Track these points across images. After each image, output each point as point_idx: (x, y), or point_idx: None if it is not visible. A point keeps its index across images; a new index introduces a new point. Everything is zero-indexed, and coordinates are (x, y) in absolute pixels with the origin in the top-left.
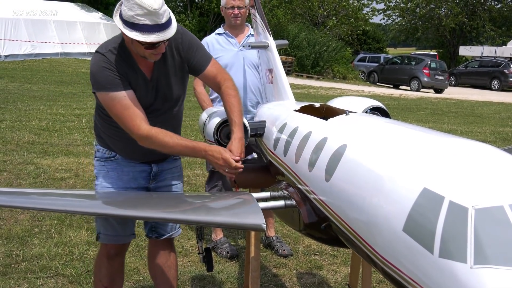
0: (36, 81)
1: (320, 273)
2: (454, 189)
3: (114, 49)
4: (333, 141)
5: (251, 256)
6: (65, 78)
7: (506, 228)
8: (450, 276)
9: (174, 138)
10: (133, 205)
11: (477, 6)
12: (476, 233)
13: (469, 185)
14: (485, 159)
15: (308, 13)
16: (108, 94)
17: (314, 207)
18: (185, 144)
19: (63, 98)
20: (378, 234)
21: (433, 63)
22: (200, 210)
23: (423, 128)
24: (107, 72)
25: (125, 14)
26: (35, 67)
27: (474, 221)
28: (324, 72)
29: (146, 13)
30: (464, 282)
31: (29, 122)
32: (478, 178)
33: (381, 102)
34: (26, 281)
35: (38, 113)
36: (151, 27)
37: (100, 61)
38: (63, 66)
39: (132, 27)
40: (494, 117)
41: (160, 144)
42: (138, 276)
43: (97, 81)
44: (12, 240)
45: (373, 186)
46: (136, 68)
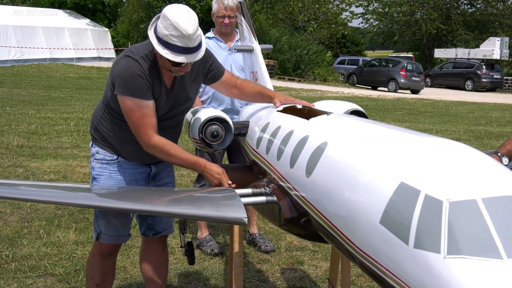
0: (25, 86)
1: (301, 268)
2: (429, 183)
3: (146, 57)
4: (314, 139)
5: (234, 252)
6: (53, 83)
7: (478, 221)
8: (424, 266)
9: (178, 151)
10: (120, 198)
11: (451, 10)
12: (450, 225)
13: (444, 180)
14: (458, 156)
15: (289, 18)
16: (133, 99)
17: (294, 203)
18: (187, 158)
19: (51, 102)
20: (357, 228)
21: (410, 65)
22: (184, 203)
23: (400, 128)
24: (139, 80)
25: (160, 31)
26: (24, 72)
27: (448, 213)
28: (305, 75)
29: (180, 35)
30: (437, 271)
31: (18, 126)
32: (452, 173)
33: (360, 103)
34: (15, 281)
35: (27, 117)
36: (182, 49)
37: (134, 67)
38: (51, 71)
39: (165, 45)
40: (468, 116)
41: (165, 154)
42: (126, 274)
43: (127, 86)
44: (2, 241)
45: (352, 182)
46: (161, 78)
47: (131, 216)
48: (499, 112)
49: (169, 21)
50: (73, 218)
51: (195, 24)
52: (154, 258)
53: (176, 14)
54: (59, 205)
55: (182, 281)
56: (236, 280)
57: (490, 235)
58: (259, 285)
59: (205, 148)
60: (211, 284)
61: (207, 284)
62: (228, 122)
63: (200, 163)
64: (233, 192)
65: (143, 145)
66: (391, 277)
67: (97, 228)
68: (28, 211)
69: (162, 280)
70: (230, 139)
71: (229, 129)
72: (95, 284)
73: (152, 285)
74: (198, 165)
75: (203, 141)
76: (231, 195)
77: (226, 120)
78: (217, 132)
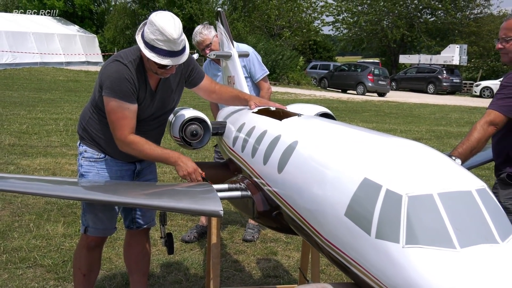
0: (16, 88)
1: (275, 258)
2: (390, 179)
3: (133, 61)
4: (286, 139)
5: (212, 244)
6: (43, 86)
7: (434, 213)
8: (385, 254)
9: (151, 147)
10: (105, 191)
11: (414, 19)
12: (408, 217)
13: (403, 176)
14: (417, 154)
15: (265, 26)
16: (117, 101)
17: (267, 197)
18: (160, 153)
19: (42, 104)
20: (323, 220)
21: (377, 70)
22: (164, 197)
23: (364, 128)
24: (126, 84)
25: (146, 36)
26: (15, 75)
27: (407, 206)
28: (280, 79)
29: (166, 40)
30: (396, 260)
31: (10, 126)
32: (410, 170)
33: (331, 105)
34: (6, 271)
35: (18, 117)
36: (168, 52)
37: (123, 71)
38: (42, 75)
39: (151, 49)
40: (430, 117)
41: (139, 151)
42: (111, 264)
43: (113, 88)
44: None
45: (319, 178)
46: (146, 81)
47: (117, 211)
48: (458, 114)
49: (155, 27)
50: (62, 213)
51: (179, 29)
52: (137, 250)
53: (162, 20)
54: (48, 200)
55: (164, 271)
56: (213, 269)
57: (445, 227)
58: (236, 274)
59: (185, 146)
60: (190, 273)
61: (187, 273)
62: (207, 122)
63: (174, 155)
64: (210, 187)
65: (118, 144)
66: (355, 266)
67: (84, 222)
68: (19, 205)
69: (144, 270)
70: (209, 138)
71: (207, 128)
72: (81, 274)
73: (136, 275)
74: (172, 157)
75: (183, 140)
76: (208, 189)
77: (205, 120)
78: (196, 131)
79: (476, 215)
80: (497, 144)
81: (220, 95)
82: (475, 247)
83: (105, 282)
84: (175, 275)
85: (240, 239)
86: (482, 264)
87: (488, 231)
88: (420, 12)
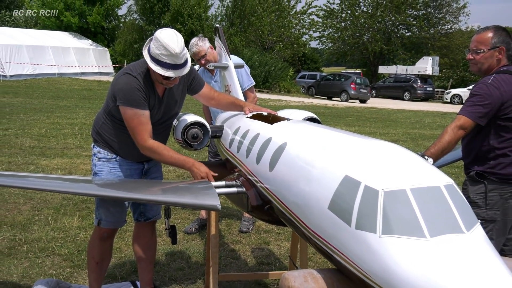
0: (36, 96)
1: (268, 248)
2: (368, 176)
3: (142, 73)
4: (276, 140)
5: (211, 235)
6: (60, 94)
7: (407, 207)
8: (363, 243)
9: (170, 152)
10: (116, 188)
11: (392, 34)
12: (384, 210)
13: (380, 173)
14: (392, 154)
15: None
16: (132, 109)
17: (259, 193)
18: (177, 157)
19: (59, 110)
20: (310, 213)
21: (358, 79)
22: (169, 193)
23: (346, 131)
24: (137, 93)
25: (152, 51)
26: (35, 85)
27: (383, 200)
28: (272, 87)
29: (169, 54)
30: (373, 248)
31: (30, 130)
32: (386, 168)
33: (317, 111)
34: (27, 260)
35: (38, 122)
36: (171, 65)
37: (133, 82)
38: (59, 84)
39: (156, 63)
40: (406, 122)
41: (158, 155)
42: (121, 253)
43: (127, 98)
44: (16, 226)
45: (306, 175)
46: (154, 90)
47: (127, 205)
48: (431, 118)
49: (160, 43)
50: (77, 207)
51: (181, 45)
52: (145, 240)
53: (166, 36)
54: (65, 196)
55: (168, 259)
56: (213, 258)
57: (416, 218)
58: (233, 262)
59: (186, 147)
60: (192, 261)
61: (189, 261)
62: (206, 126)
63: (189, 161)
64: (209, 184)
65: (139, 148)
66: (338, 254)
67: (98, 215)
68: (38, 201)
69: (151, 258)
70: (208, 140)
71: (207, 132)
72: (95, 262)
73: (143, 263)
74: (187, 162)
75: (185, 142)
76: (208, 186)
77: (205, 124)
78: (197, 134)
79: (444, 208)
80: (466, 146)
81: (218, 101)
82: (443, 236)
83: (115, 269)
84: (178, 263)
85: (237, 231)
86: (450, 252)
87: (454, 222)
88: (397, 28)
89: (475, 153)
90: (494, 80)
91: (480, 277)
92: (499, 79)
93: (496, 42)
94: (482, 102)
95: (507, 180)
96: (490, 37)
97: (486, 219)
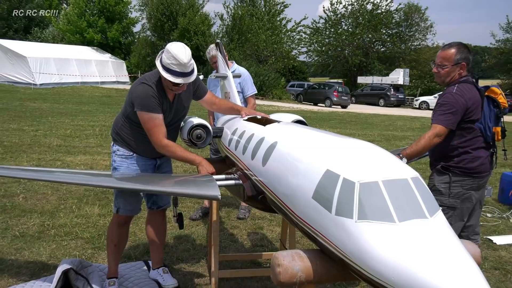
0: (62, 102)
1: (261, 232)
2: (346, 170)
3: (156, 82)
4: (268, 140)
5: (213, 221)
6: (83, 100)
7: (379, 196)
8: (342, 228)
9: (181, 150)
10: (132, 181)
11: (369, 49)
12: (360, 199)
13: (356, 168)
14: (367, 151)
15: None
16: (148, 114)
17: (254, 185)
18: (187, 156)
19: (82, 114)
20: (297, 202)
21: (340, 88)
22: (176, 184)
23: (329, 132)
24: (153, 99)
25: (164, 61)
26: (61, 92)
27: (359, 191)
28: (266, 94)
29: (178, 64)
30: (350, 231)
31: (57, 131)
32: (362, 163)
33: (304, 115)
34: (54, 242)
35: (63, 124)
36: (180, 73)
37: (148, 90)
38: (82, 91)
39: (167, 71)
40: (380, 124)
41: (171, 153)
42: (135, 237)
43: (144, 104)
44: (44, 214)
45: (293, 169)
46: (166, 96)
47: (142, 196)
48: (402, 121)
49: (170, 54)
50: (97, 197)
51: (189, 56)
52: (156, 225)
53: (175, 48)
54: (87, 188)
55: (176, 242)
56: (214, 240)
57: (387, 206)
58: (231, 244)
59: (192, 146)
60: (196, 243)
61: (194, 243)
62: (208, 127)
63: (198, 159)
64: (211, 177)
65: (155, 146)
66: (320, 237)
67: (117, 204)
68: (64, 192)
69: (161, 241)
70: (210, 140)
71: (209, 132)
72: (113, 244)
73: (155, 245)
74: (196, 160)
75: (190, 141)
76: (210, 179)
77: (207, 126)
78: (200, 135)
79: (411, 197)
80: (435, 147)
81: (219, 106)
82: (410, 221)
83: (130, 251)
84: (184, 245)
85: (235, 217)
86: (415, 234)
87: (419, 209)
88: (373, 44)
89: (440, 152)
90: (458, 90)
91: (441, 256)
92: (462, 88)
93: (459, 59)
94: (451, 110)
95: (468, 174)
96: (454, 53)
97: (447, 205)
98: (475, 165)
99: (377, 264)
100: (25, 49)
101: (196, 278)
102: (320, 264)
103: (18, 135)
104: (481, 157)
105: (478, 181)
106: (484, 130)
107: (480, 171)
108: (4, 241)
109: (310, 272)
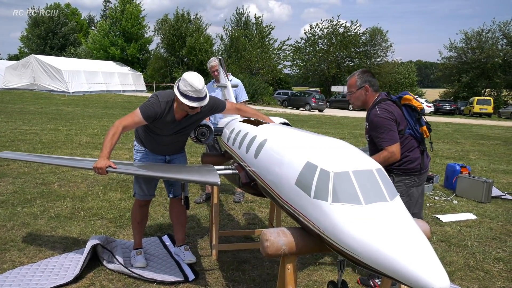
0: (91, 107)
1: (253, 213)
2: (323, 162)
3: (166, 101)
4: (260, 137)
5: (214, 203)
6: (108, 105)
7: (349, 183)
8: (319, 208)
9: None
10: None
11: (341, 64)
12: (333, 185)
13: (331, 160)
14: (340, 147)
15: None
16: (138, 111)
17: (248, 174)
18: (105, 145)
19: (107, 116)
20: (282, 188)
21: (318, 95)
22: (182, 172)
23: (309, 131)
24: (153, 110)
25: (181, 88)
26: (90, 99)
27: (333, 179)
28: (257, 100)
29: (194, 90)
30: (325, 211)
31: (86, 130)
32: (336, 156)
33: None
34: (84, 222)
35: (92, 125)
36: (195, 98)
37: (155, 104)
38: (107, 98)
39: (184, 96)
40: (350, 125)
41: (106, 134)
42: (150, 218)
43: (142, 107)
44: (75, 198)
45: (279, 161)
46: (172, 115)
47: (155, 183)
48: None
49: (187, 82)
50: (119, 185)
51: (202, 83)
52: (175, 210)
53: (191, 78)
54: (111, 176)
55: None
56: (215, 220)
57: (355, 191)
58: (229, 222)
59: (197, 142)
60: (201, 222)
61: (198, 222)
62: (211, 127)
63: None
64: (212, 167)
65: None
66: (301, 216)
67: (134, 190)
68: (92, 180)
69: (182, 222)
70: (212, 137)
71: (211, 131)
72: (136, 222)
73: (177, 225)
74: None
75: (196, 138)
76: (211, 169)
77: (210, 126)
78: (204, 133)
79: (375, 184)
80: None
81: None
82: (374, 204)
83: (146, 229)
84: (190, 224)
85: (232, 201)
86: (378, 214)
87: (382, 194)
88: (344, 60)
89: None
90: (380, 110)
91: (398, 231)
92: (384, 107)
93: (360, 83)
94: (390, 127)
95: (409, 173)
96: (356, 80)
97: None
98: (414, 165)
99: (347, 238)
100: (60, 63)
101: (200, 250)
102: (301, 239)
103: (54, 134)
104: (418, 157)
105: (419, 178)
106: (414, 134)
107: (420, 168)
108: (42, 221)
109: (292, 246)
